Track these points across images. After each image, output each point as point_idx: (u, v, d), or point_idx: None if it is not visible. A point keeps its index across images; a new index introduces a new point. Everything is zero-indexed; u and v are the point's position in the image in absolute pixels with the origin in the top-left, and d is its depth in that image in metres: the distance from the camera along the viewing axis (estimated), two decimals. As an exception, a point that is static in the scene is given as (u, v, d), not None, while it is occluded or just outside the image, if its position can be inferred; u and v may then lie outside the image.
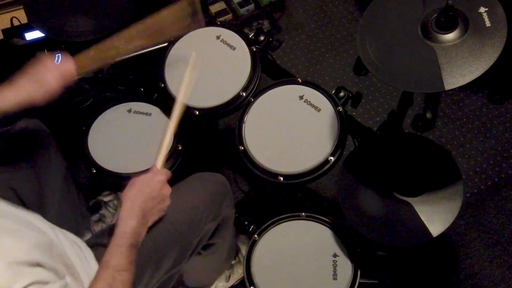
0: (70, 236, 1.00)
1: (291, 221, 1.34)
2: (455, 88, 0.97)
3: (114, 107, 1.44)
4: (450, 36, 1.00)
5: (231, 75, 1.37)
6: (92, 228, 1.57)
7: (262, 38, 1.46)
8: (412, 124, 1.72)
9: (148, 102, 1.44)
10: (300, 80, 1.36)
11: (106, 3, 1.41)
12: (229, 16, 2.06)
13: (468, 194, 1.77)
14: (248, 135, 1.30)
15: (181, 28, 1.21)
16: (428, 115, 1.69)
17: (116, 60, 1.21)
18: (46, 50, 1.65)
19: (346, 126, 1.27)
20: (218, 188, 1.21)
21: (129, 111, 1.43)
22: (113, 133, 1.40)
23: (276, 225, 1.34)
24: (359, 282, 1.25)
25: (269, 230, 1.34)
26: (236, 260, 1.57)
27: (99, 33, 1.37)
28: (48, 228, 0.92)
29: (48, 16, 1.40)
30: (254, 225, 1.62)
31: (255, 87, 1.35)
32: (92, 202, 1.64)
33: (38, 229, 0.85)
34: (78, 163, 1.53)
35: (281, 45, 2.12)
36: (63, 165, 1.32)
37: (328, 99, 1.31)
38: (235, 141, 1.31)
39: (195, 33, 1.46)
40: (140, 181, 1.00)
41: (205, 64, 1.40)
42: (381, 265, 1.55)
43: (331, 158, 1.23)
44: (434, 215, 1.18)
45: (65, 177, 1.33)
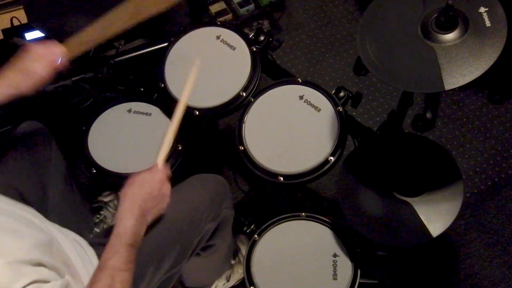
0: (71, 235, 1.00)
1: (291, 221, 1.34)
2: (455, 88, 0.97)
3: (114, 107, 1.44)
4: (450, 36, 1.00)
5: (231, 75, 1.37)
6: (94, 229, 1.57)
7: (262, 38, 1.46)
8: (412, 124, 1.72)
9: (148, 102, 1.44)
10: (300, 80, 1.35)
11: (106, 3, 1.41)
12: (229, 16, 2.06)
13: (468, 194, 1.77)
14: (248, 135, 1.30)
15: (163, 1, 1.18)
16: (428, 115, 1.69)
17: (105, 39, 1.19)
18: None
19: (346, 126, 1.27)
20: (217, 188, 1.21)
21: (129, 111, 1.43)
22: (113, 133, 1.40)
23: (276, 225, 1.34)
24: (359, 282, 1.25)
25: (269, 230, 1.34)
26: (236, 260, 1.57)
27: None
28: (48, 226, 0.92)
29: (48, 16, 1.40)
30: (254, 225, 1.62)
31: (255, 87, 1.35)
32: (94, 203, 1.64)
33: (39, 227, 0.85)
34: (78, 163, 1.53)
35: (281, 45, 2.12)
36: (63, 166, 1.32)
37: (328, 99, 1.31)
38: (235, 141, 1.31)
39: (195, 33, 1.46)
40: (140, 179, 0.98)
41: (205, 64, 1.40)
42: (381, 265, 1.55)
43: (331, 158, 1.23)
44: (434, 215, 1.18)
45: (66, 177, 1.33)
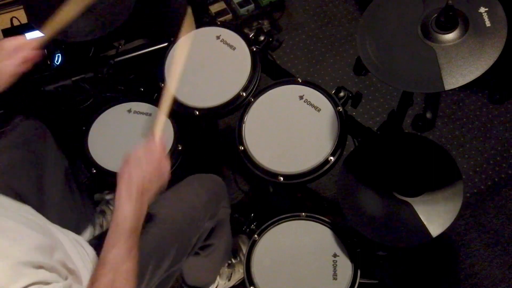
0: (71, 235, 1.00)
1: (291, 221, 1.34)
2: (455, 88, 0.97)
3: (114, 107, 1.44)
4: (450, 36, 1.00)
5: (231, 75, 1.37)
6: (93, 223, 1.57)
7: (262, 38, 1.46)
8: (412, 124, 1.73)
9: (148, 102, 1.44)
10: (300, 80, 1.35)
11: (106, 3, 1.41)
12: (229, 16, 2.06)
13: (468, 194, 1.77)
14: (248, 135, 1.30)
15: None
16: (428, 115, 1.69)
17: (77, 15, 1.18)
18: (46, 50, 1.65)
19: (346, 126, 1.27)
20: (215, 187, 1.22)
21: (129, 111, 1.43)
22: (113, 133, 1.40)
23: (276, 225, 1.34)
24: (359, 282, 1.25)
25: (269, 230, 1.34)
26: (237, 260, 1.58)
27: (99, 33, 1.37)
28: (49, 227, 0.91)
29: (48, 16, 1.40)
30: (254, 225, 1.62)
31: (255, 87, 1.35)
32: (96, 198, 1.64)
33: (40, 229, 0.85)
34: (78, 163, 1.53)
35: (281, 45, 2.11)
36: (63, 163, 1.32)
37: (328, 99, 1.31)
38: (235, 141, 1.31)
39: (195, 33, 1.46)
40: (136, 159, 0.91)
41: (205, 64, 1.40)
42: (381, 265, 1.55)
43: (331, 158, 1.23)
44: (434, 215, 1.18)
45: (66, 175, 1.33)
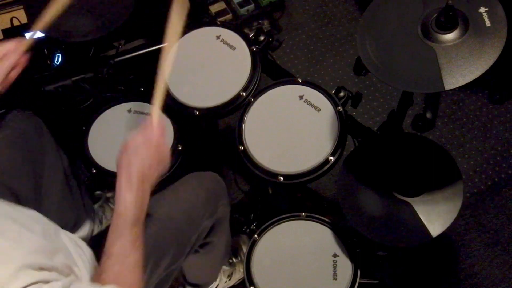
0: (71, 236, 0.99)
1: (291, 221, 1.34)
2: (455, 88, 0.97)
3: (114, 107, 1.44)
4: (450, 36, 1.00)
5: (231, 75, 1.37)
6: (93, 217, 1.57)
7: (262, 38, 1.46)
8: (412, 124, 1.73)
9: (148, 102, 1.44)
10: (300, 80, 1.35)
11: (106, 3, 1.41)
12: (229, 16, 2.06)
13: (468, 194, 1.77)
14: (248, 135, 1.30)
15: None
16: (428, 115, 1.69)
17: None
18: (46, 50, 1.65)
19: (346, 126, 1.27)
20: (213, 186, 1.21)
21: (129, 111, 1.43)
22: (113, 133, 1.40)
23: (276, 225, 1.34)
24: (359, 282, 1.25)
25: (269, 230, 1.34)
26: (238, 259, 1.58)
27: (99, 33, 1.37)
28: (50, 228, 0.91)
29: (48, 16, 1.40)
30: (254, 225, 1.62)
31: (255, 87, 1.35)
32: (97, 194, 1.64)
33: (41, 229, 0.84)
34: (78, 163, 1.53)
35: (281, 45, 2.12)
36: (62, 162, 1.32)
37: (328, 99, 1.31)
38: (235, 141, 1.31)
39: (195, 33, 1.46)
40: (134, 146, 0.88)
41: (205, 64, 1.40)
42: (381, 265, 1.55)
43: (331, 158, 1.23)
44: (434, 215, 1.18)
45: (66, 173, 1.32)
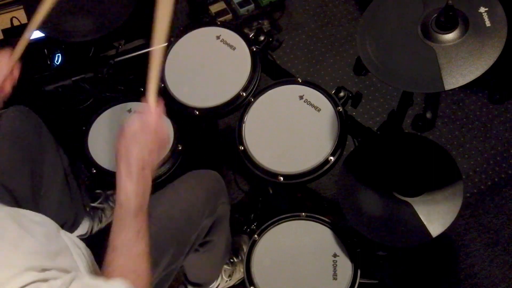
0: (70, 236, 0.99)
1: (291, 221, 1.34)
2: (455, 88, 0.97)
3: (114, 107, 1.44)
4: (450, 36, 1.00)
5: (231, 75, 1.37)
6: (92, 215, 1.57)
7: (262, 38, 1.46)
8: (412, 124, 1.73)
9: (148, 102, 1.44)
10: (300, 80, 1.35)
11: (106, 3, 1.41)
12: (229, 16, 2.06)
13: (468, 194, 1.77)
14: (248, 135, 1.30)
15: None
16: (428, 115, 1.69)
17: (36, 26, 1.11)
18: (46, 50, 1.65)
19: (346, 126, 1.27)
20: (213, 184, 1.21)
21: (129, 111, 1.43)
22: (113, 133, 1.40)
23: (276, 225, 1.34)
24: (359, 282, 1.25)
25: (269, 230, 1.34)
26: (239, 259, 1.58)
27: (99, 33, 1.37)
28: (50, 229, 0.90)
29: (48, 16, 1.40)
30: (254, 225, 1.62)
31: (255, 87, 1.35)
32: (96, 192, 1.64)
33: (41, 230, 0.83)
34: (78, 163, 1.53)
35: (281, 45, 2.12)
36: (62, 161, 1.32)
37: (328, 99, 1.31)
38: (235, 141, 1.31)
39: (195, 33, 1.46)
40: (131, 132, 0.85)
41: (205, 64, 1.40)
42: (381, 265, 1.55)
43: (331, 158, 1.23)
44: (434, 215, 1.18)
45: (66, 173, 1.32)
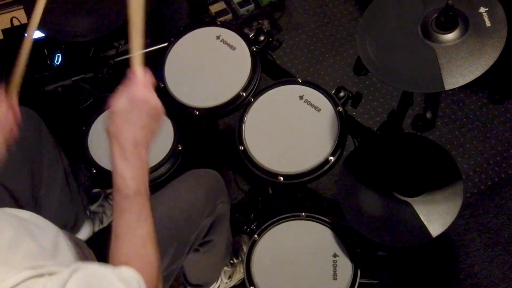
0: (71, 236, 0.99)
1: (291, 221, 1.34)
2: (455, 88, 0.97)
3: (114, 107, 1.44)
4: (450, 36, 1.00)
5: (231, 75, 1.37)
6: (93, 218, 1.57)
7: (262, 38, 1.46)
8: (412, 124, 1.72)
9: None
10: (300, 80, 1.35)
11: (106, 3, 1.41)
12: (229, 16, 2.06)
13: (468, 194, 1.77)
14: (248, 135, 1.30)
15: None
16: (428, 115, 1.69)
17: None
18: (46, 50, 1.65)
19: (346, 126, 1.27)
20: (212, 183, 1.21)
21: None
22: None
23: (276, 225, 1.34)
24: (359, 282, 1.25)
25: (269, 230, 1.34)
26: (239, 259, 1.58)
27: (99, 33, 1.37)
28: (50, 230, 0.90)
29: (48, 16, 1.40)
30: (254, 225, 1.62)
31: (255, 87, 1.35)
32: (95, 191, 1.64)
33: (41, 231, 0.82)
34: (78, 163, 1.53)
35: (281, 45, 2.12)
36: (62, 162, 1.32)
37: (328, 99, 1.31)
38: (235, 141, 1.31)
39: (195, 33, 1.46)
40: (119, 109, 0.78)
41: (205, 64, 1.40)
42: (381, 265, 1.55)
43: (331, 158, 1.23)
44: (434, 215, 1.18)
45: (66, 173, 1.32)
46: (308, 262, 1.29)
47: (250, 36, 1.44)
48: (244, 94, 1.33)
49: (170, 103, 1.36)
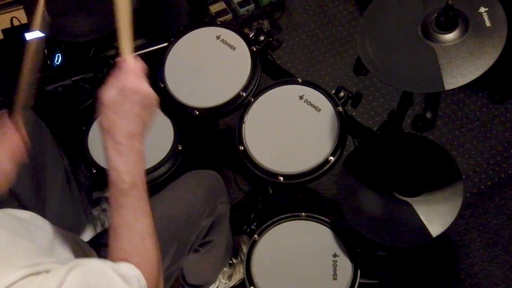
0: (73, 236, 0.99)
1: (291, 221, 1.34)
2: (455, 88, 0.97)
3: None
4: (450, 36, 1.00)
5: (231, 75, 1.37)
6: (94, 222, 1.56)
7: (262, 38, 1.46)
8: (412, 124, 1.72)
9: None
10: (300, 80, 1.35)
11: (106, 3, 1.41)
12: (229, 16, 2.06)
13: (468, 194, 1.77)
14: (248, 135, 1.30)
15: None
16: (428, 115, 1.69)
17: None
18: (46, 50, 1.65)
19: (346, 126, 1.27)
20: (212, 184, 1.21)
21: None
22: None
23: (276, 225, 1.34)
24: (359, 282, 1.25)
25: (269, 230, 1.34)
26: (238, 260, 1.57)
27: (99, 33, 1.37)
28: (50, 232, 0.90)
29: (48, 16, 1.40)
30: (254, 225, 1.62)
31: (255, 87, 1.35)
32: (96, 196, 1.64)
33: (40, 232, 0.83)
34: (78, 163, 1.53)
35: (281, 45, 2.12)
36: (63, 162, 1.32)
37: (328, 99, 1.31)
38: (235, 141, 1.31)
39: (195, 33, 1.46)
40: (109, 100, 0.75)
41: (205, 64, 1.40)
42: (381, 265, 1.55)
43: (331, 158, 1.23)
44: (434, 215, 1.18)
45: (66, 173, 1.32)
46: (308, 262, 1.29)
47: (250, 36, 1.44)
48: (244, 94, 1.33)
49: (170, 103, 1.36)
